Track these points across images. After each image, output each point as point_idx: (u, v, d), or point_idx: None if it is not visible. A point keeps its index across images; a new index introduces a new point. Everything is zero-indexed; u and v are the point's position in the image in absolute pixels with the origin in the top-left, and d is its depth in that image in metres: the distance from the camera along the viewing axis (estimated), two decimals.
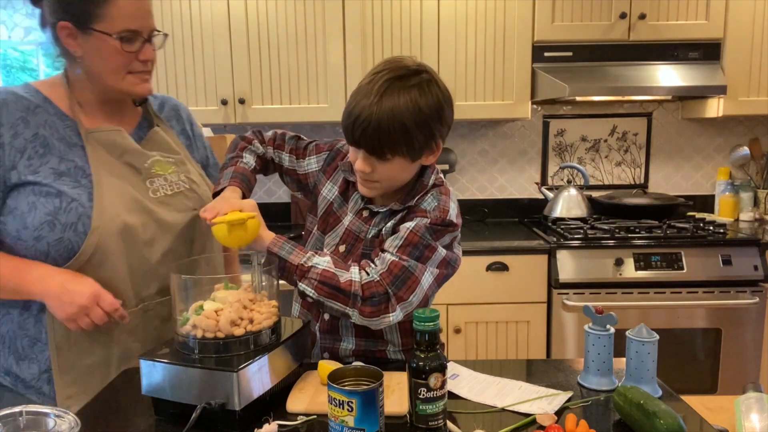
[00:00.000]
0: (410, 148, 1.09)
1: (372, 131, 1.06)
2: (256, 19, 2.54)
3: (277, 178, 1.36)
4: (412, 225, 1.13)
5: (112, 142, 1.18)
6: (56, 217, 1.10)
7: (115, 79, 1.15)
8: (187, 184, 1.27)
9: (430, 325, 0.89)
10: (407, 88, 1.07)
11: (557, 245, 2.37)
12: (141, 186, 1.20)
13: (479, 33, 2.57)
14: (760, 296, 2.32)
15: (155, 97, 1.36)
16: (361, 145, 1.10)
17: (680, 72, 2.55)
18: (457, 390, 1.08)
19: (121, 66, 1.14)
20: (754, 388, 1.14)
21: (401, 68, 1.09)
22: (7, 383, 1.19)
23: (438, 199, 1.17)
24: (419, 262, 1.12)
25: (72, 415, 0.88)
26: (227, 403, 0.91)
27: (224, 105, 2.58)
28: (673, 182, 3.03)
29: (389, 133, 1.06)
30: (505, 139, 3.01)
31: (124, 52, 1.12)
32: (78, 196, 1.11)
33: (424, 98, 1.07)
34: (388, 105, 1.05)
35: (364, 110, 1.07)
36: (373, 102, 1.06)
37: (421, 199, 1.17)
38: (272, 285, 1.07)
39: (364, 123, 1.07)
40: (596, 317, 1.10)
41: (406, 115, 1.06)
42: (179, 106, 1.39)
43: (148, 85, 1.20)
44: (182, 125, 1.37)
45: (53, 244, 1.10)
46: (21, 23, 2.99)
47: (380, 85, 1.07)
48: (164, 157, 1.25)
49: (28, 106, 1.15)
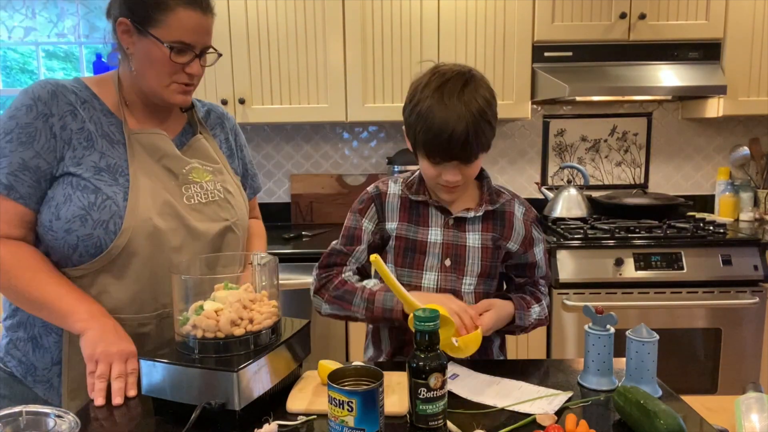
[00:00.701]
0: (489, 142, 1.17)
1: (471, 140, 1.11)
2: (256, 19, 2.54)
3: (278, 178, 1.37)
4: (539, 249, 1.33)
5: (153, 145, 1.19)
6: (89, 213, 1.10)
7: (157, 85, 1.16)
8: (222, 194, 1.27)
9: (430, 325, 0.89)
10: (473, 90, 1.13)
11: (557, 245, 2.37)
12: (176, 191, 1.20)
13: (479, 33, 2.57)
14: (760, 296, 2.32)
15: (203, 105, 1.37)
16: (457, 157, 1.14)
17: (680, 72, 2.55)
18: (457, 390, 1.08)
19: (166, 74, 1.15)
20: (754, 388, 1.14)
21: (455, 72, 1.15)
22: (19, 374, 1.19)
23: (516, 196, 1.33)
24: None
25: (72, 415, 0.88)
26: (227, 403, 0.91)
27: (224, 105, 2.57)
28: (673, 182, 3.03)
29: (481, 136, 1.13)
30: (505, 139, 3.01)
31: (171, 62, 1.13)
32: (114, 194, 1.12)
33: (488, 91, 1.16)
34: (473, 110, 1.11)
35: (458, 123, 1.10)
36: (461, 113, 1.10)
37: (498, 197, 1.29)
38: (272, 285, 1.07)
39: (461, 135, 1.10)
40: (596, 317, 1.10)
41: (487, 113, 1.13)
42: (225, 116, 1.40)
43: (188, 98, 1.21)
44: (226, 134, 1.38)
45: (83, 238, 1.10)
46: (21, 23, 2.99)
47: (457, 93, 1.11)
48: (203, 165, 1.26)
49: (77, 100, 1.15)
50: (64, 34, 2.97)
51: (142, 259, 1.14)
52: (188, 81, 1.17)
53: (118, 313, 1.15)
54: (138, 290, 1.15)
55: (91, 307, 1.11)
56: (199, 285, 1.04)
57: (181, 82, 1.17)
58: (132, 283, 1.15)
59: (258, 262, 1.10)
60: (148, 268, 1.15)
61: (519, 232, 1.29)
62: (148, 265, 1.15)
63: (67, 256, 1.12)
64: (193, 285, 1.02)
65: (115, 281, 1.14)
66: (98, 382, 1.05)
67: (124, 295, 1.15)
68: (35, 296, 1.10)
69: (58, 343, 1.16)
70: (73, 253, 1.12)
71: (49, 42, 3.02)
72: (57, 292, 1.10)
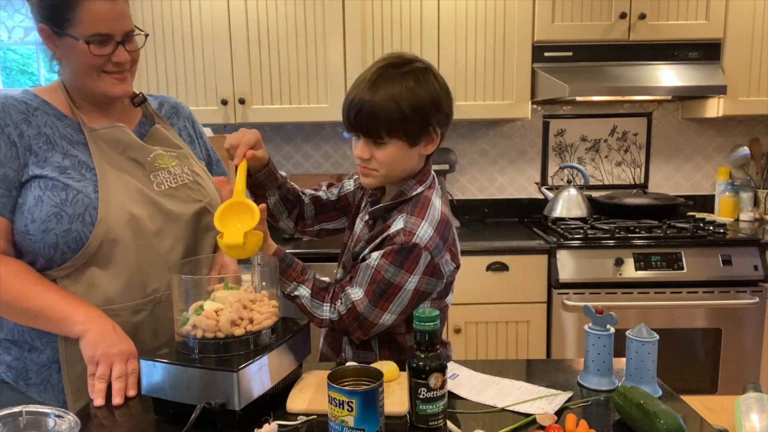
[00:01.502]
0: (406, 130, 1.12)
1: (366, 112, 1.11)
2: (256, 19, 2.54)
3: None
4: (375, 262, 1.13)
5: (114, 138, 1.19)
6: (63, 209, 1.10)
7: (90, 80, 1.15)
8: (191, 176, 1.27)
9: (430, 325, 0.89)
10: (401, 75, 1.12)
11: (557, 245, 2.37)
12: (145, 179, 1.20)
13: (479, 33, 2.57)
14: (760, 296, 2.32)
15: (154, 97, 1.37)
16: (357, 128, 1.14)
17: (680, 72, 2.55)
18: (457, 390, 1.08)
19: (94, 68, 1.14)
20: (754, 388, 1.13)
21: (397, 58, 1.15)
22: (10, 379, 1.19)
23: (407, 221, 1.13)
24: (381, 298, 1.13)
25: (72, 415, 0.88)
26: (227, 403, 0.91)
27: (224, 105, 2.58)
28: (673, 182, 3.03)
29: (384, 114, 1.10)
30: (505, 139, 3.01)
31: (94, 56, 1.12)
32: (83, 188, 1.12)
33: (418, 84, 1.11)
34: (382, 88, 1.10)
35: (359, 94, 1.12)
36: (367, 86, 1.11)
37: (393, 216, 1.17)
38: (272, 285, 1.07)
39: (358, 105, 1.12)
40: (596, 317, 1.10)
41: (401, 97, 1.10)
42: (178, 105, 1.40)
43: (124, 86, 1.18)
44: (183, 123, 1.38)
45: (62, 235, 1.10)
46: (21, 23, 2.99)
47: (375, 71, 1.13)
48: (167, 151, 1.26)
49: (28, 109, 1.16)
50: None
51: (125, 247, 1.14)
52: (119, 69, 1.16)
53: (110, 303, 1.15)
54: (126, 278, 1.16)
55: (88, 310, 1.11)
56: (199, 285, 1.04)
57: (112, 72, 1.15)
58: (119, 272, 1.15)
59: (258, 262, 1.10)
60: (132, 255, 1.15)
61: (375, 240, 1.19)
62: (131, 252, 1.15)
63: (49, 257, 1.12)
64: (192, 285, 1.02)
65: (102, 273, 1.14)
66: (98, 382, 1.05)
67: (114, 286, 1.15)
68: (28, 306, 1.10)
69: (52, 343, 1.16)
70: (55, 253, 1.11)
71: None
72: (51, 299, 1.10)
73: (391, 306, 1.13)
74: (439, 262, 1.14)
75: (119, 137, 1.20)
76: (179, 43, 2.55)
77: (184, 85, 2.57)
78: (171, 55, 2.55)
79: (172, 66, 2.56)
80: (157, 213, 1.19)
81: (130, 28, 1.15)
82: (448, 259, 1.17)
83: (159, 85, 2.57)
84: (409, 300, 1.13)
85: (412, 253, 1.10)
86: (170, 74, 2.57)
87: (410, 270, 1.11)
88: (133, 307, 1.17)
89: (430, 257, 1.12)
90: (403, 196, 1.18)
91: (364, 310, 1.13)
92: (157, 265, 1.19)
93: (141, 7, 2.50)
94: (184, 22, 2.54)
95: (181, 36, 2.54)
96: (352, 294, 1.14)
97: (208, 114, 2.58)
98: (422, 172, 1.20)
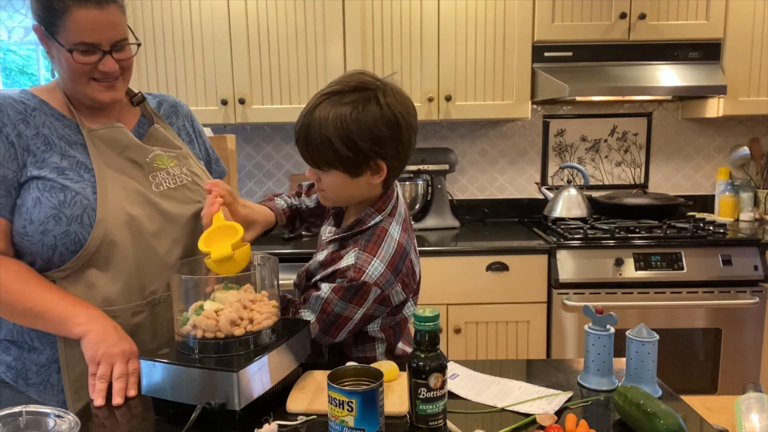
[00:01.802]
0: (344, 164, 1.10)
1: (302, 141, 1.11)
2: (256, 19, 2.54)
3: (278, 178, 1.37)
4: (325, 294, 1.13)
5: (112, 139, 1.19)
6: (61, 211, 1.10)
7: (78, 86, 1.15)
8: (190, 177, 1.27)
9: (430, 326, 0.89)
10: (340, 105, 1.07)
11: (557, 245, 2.37)
12: (144, 180, 1.20)
13: (479, 33, 2.57)
14: (760, 296, 2.32)
15: (153, 96, 1.36)
16: (300, 154, 1.14)
17: (680, 72, 2.55)
18: (457, 390, 1.08)
19: (82, 75, 1.13)
20: (754, 388, 1.14)
21: (345, 83, 1.10)
22: (9, 379, 1.19)
23: (358, 257, 1.11)
24: (330, 328, 1.14)
25: (72, 415, 0.88)
26: (227, 403, 0.91)
27: (224, 105, 2.58)
28: (673, 182, 3.03)
29: (316, 146, 1.09)
30: (505, 139, 3.01)
31: (77, 64, 1.11)
32: (82, 189, 1.12)
33: (354, 116, 1.06)
34: (316, 118, 1.08)
35: (299, 120, 1.11)
36: (306, 113, 1.10)
37: (347, 249, 1.16)
38: (272, 285, 1.07)
39: (297, 133, 1.12)
40: (596, 317, 1.10)
41: (332, 131, 1.06)
42: (177, 104, 1.40)
43: (112, 93, 1.17)
44: (182, 122, 1.38)
45: (60, 237, 1.10)
46: (21, 23, 2.99)
47: (317, 97, 1.10)
48: (165, 152, 1.26)
49: (26, 109, 1.16)
50: None
51: (123, 248, 1.14)
52: (106, 77, 1.14)
53: (109, 305, 1.15)
54: (125, 280, 1.16)
55: (89, 310, 1.10)
56: (199, 285, 1.04)
57: (99, 79, 1.14)
58: (118, 273, 1.15)
59: (258, 262, 1.10)
60: (131, 256, 1.15)
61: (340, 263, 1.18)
62: (130, 253, 1.15)
63: (48, 258, 1.12)
64: (193, 285, 1.02)
65: (101, 274, 1.14)
66: (99, 382, 1.05)
67: (112, 287, 1.15)
68: (29, 307, 1.09)
69: (52, 343, 1.16)
70: (54, 254, 1.11)
71: None
72: (51, 300, 1.10)
73: (340, 333, 1.15)
74: (389, 293, 1.14)
75: (117, 138, 1.19)
76: (179, 43, 2.55)
77: (184, 85, 2.57)
78: (171, 55, 2.55)
79: (172, 66, 2.56)
80: (156, 214, 1.19)
81: (120, 37, 1.13)
82: (399, 290, 1.15)
83: (159, 85, 2.57)
84: (356, 325, 1.15)
85: (361, 290, 1.10)
86: (170, 74, 2.57)
87: (359, 304, 1.12)
88: (132, 309, 1.17)
89: (380, 291, 1.12)
90: (360, 225, 1.16)
91: (316, 336, 1.16)
92: (155, 266, 1.19)
93: (141, 7, 2.50)
94: (184, 23, 2.54)
95: (181, 36, 2.54)
96: (305, 317, 1.16)
97: (208, 114, 2.58)
98: (382, 199, 1.18)
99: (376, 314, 1.16)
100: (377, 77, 1.12)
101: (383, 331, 1.21)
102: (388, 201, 1.19)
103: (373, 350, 1.22)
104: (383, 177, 1.13)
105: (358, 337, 1.21)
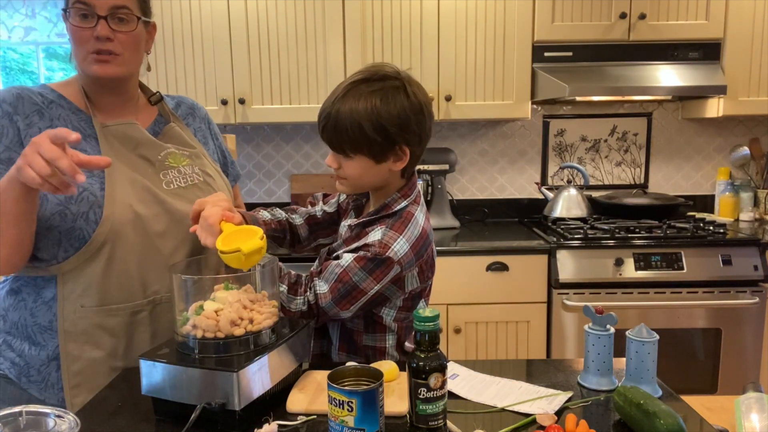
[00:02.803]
0: (370, 149, 1.13)
1: (331, 128, 1.13)
2: (256, 19, 2.54)
3: (278, 178, 1.37)
4: (346, 263, 1.14)
5: (126, 135, 1.19)
6: (67, 207, 1.10)
7: (79, 59, 1.15)
8: (202, 177, 1.27)
9: (430, 326, 0.89)
10: (369, 93, 1.12)
11: (557, 245, 2.37)
12: (154, 178, 1.20)
13: (479, 33, 2.57)
14: (760, 296, 2.32)
15: (172, 98, 1.37)
16: (325, 140, 1.17)
17: (680, 72, 2.55)
18: (457, 390, 1.08)
19: (81, 46, 1.12)
20: (754, 388, 1.13)
21: (372, 72, 1.15)
22: (13, 375, 1.19)
23: (385, 233, 1.15)
24: (343, 299, 1.14)
25: (72, 415, 0.88)
26: (227, 403, 0.91)
27: (224, 105, 2.58)
28: (673, 182, 3.03)
29: (346, 132, 1.12)
30: (505, 139, 3.01)
31: (78, 28, 1.11)
32: (89, 185, 1.12)
33: (384, 103, 1.11)
34: (347, 105, 1.11)
35: (327, 108, 1.14)
36: (335, 100, 1.13)
37: (374, 226, 1.18)
38: (273, 285, 1.07)
39: (324, 120, 1.14)
40: (596, 317, 1.10)
41: (363, 116, 1.11)
42: (195, 106, 1.41)
43: (105, 67, 1.14)
44: (199, 123, 1.38)
45: (65, 233, 1.10)
46: (21, 23, 2.99)
47: (346, 86, 1.14)
48: (179, 150, 1.26)
49: (43, 101, 1.16)
50: (64, 34, 2.97)
51: (127, 246, 1.14)
52: (100, 47, 1.12)
53: (109, 303, 1.15)
54: (127, 278, 1.15)
55: None
56: (199, 285, 1.04)
57: (94, 50, 1.13)
58: (120, 271, 1.15)
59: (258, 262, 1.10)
60: (134, 255, 1.15)
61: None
62: (134, 252, 1.15)
63: (53, 254, 1.12)
64: (192, 285, 1.02)
65: (103, 271, 1.14)
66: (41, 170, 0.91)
67: (114, 284, 1.15)
68: None
69: (53, 339, 1.16)
70: (58, 249, 1.12)
71: (49, 42, 3.03)
72: None
73: (351, 307, 1.15)
74: (406, 275, 1.16)
75: (130, 134, 1.20)
76: (179, 43, 2.55)
77: (184, 85, 2.57)
78: (171, 55, 2.55)
79: (172, 66, 2.56)
80: (163, 213, 1.19)
81: (119, 3, 1.12)
82: (415, 275, 1.18)
83: (159, 85, 2.56)
84: (367, 302, 1.16)
85: (383, 265, 1.12)
86: (170, 74, 2.57)
87: (378, 279, 1.13)
88: (132, 308, 1.17)
89: (399, 269, 1.14)
90: (387, 209, 1.19)
91: (326, 306, 1.15)
92: (159, 266, 1.19)
93: None
94: (184, 23, 2.54)
95: (181, 36, 2.54)
96: (318, 287, 1.16)
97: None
98: (407, 186, 1.22)
99: (387, 294, 1.17)
100: (399, 69, 1.17)
101: (396, 322, 1.22)
102: (413, 188, 1.24)
103: (383, 341, 1.23)
104: (405, 164, 1.18)
105: (370, 324, 1.22)
